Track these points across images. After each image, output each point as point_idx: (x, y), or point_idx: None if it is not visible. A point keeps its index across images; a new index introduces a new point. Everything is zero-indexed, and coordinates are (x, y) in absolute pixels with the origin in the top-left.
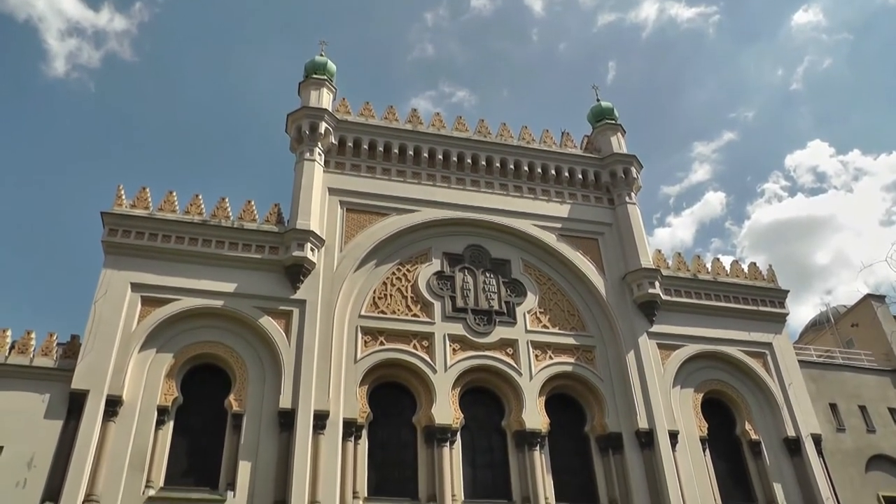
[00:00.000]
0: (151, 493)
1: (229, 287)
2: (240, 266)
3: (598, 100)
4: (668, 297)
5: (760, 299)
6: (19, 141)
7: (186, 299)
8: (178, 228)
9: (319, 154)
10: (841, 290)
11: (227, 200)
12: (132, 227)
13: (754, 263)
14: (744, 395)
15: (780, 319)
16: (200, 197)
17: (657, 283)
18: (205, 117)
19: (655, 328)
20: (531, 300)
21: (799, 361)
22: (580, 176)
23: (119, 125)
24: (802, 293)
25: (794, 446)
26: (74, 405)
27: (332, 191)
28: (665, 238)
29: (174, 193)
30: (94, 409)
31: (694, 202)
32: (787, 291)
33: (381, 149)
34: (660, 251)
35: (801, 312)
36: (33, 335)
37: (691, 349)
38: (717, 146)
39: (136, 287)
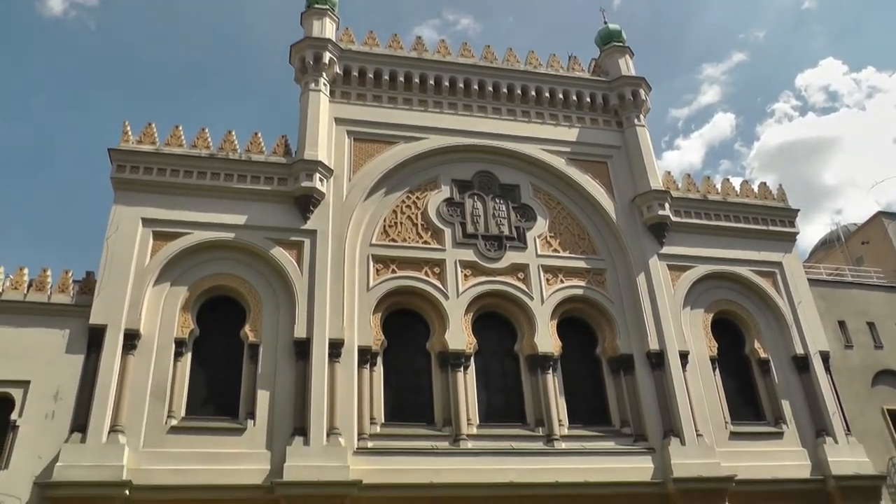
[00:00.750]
0: (174, 422)
1: (240, 219)
2: (249, 198)
3: (605, 22)
4: (678, 219)
5: (770, 219)
6: (23, 82)
7: (197, 233)
8: (186, 162)
9: (325, 84)
10: (851, 209)
11: (233, 133)
12: (140, 162)
13: (764, 183)
14: (753, 315)
15: (790, 238)
16: (207, 131)
17: (667, 205)
18: (207, 51)
19: (665, 250)
20: (541, 225)
21: (808, 280)
22: (588, 99)
23: (121, 63)
24: (812, 213)
25: (802, 364)
26: (94, 340)
27: (339, 121)
28: (674, 161)
29: (180, 128)
30: (112, 343)
31: (703, 124)
32: (798, 210)
33: (386, 77)
34: (669, 173)
35: (810, 232)
36: (49, 273)
37: (701, 270)
38: (727, 67)
39: (147, 222)
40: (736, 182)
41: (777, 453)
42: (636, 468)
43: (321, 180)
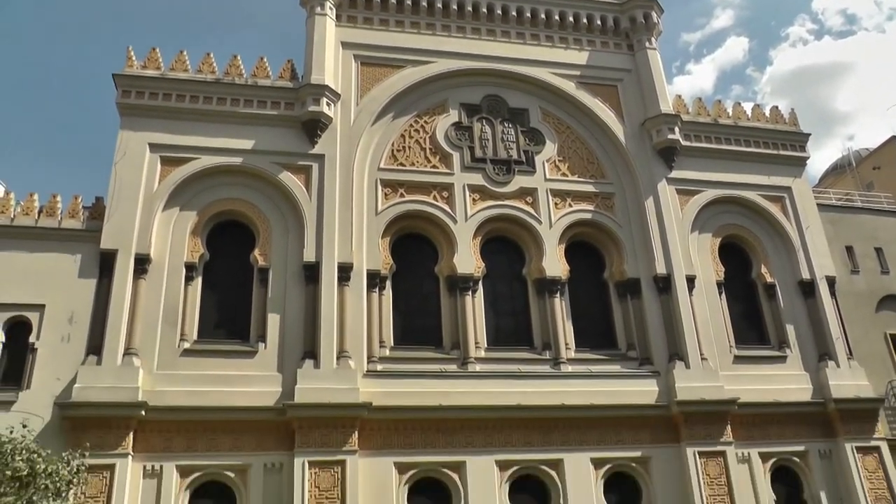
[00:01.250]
0: (186, 345)
1: (247, 144)
2: (256, 123)
3: None
4: (688, 143)
5: (781, 143)
6: (26, 9)
7: (205, 158)
8: (192, 87)
9: (331, 8)
10: (864, 135)
11: (239, 58)
12: (145, 87)
13: (776, 107)
14: (761, 239)
15: (801, 163)
16: (212, 56)
17: (677, 129)
18: None
19: (674, 174)
20: (550, 149)
21: (817, 205)
22: (599, 22)
23: None
24: (824, 139)
25: (808, 289)
26: (105, 264)
27: (346, 45)
28: (685, 86)
29: (185, 53)
30: (124, 268)
31: (715, 49)
32: (809, 135)
33: (393, 1)
34: (680, 97)
35: (821, 158)
36: (59, 198)
37: (710, 194)
38: None
39: (154, 147)
40: (747, 107)
41: (780, 377)
42: (641, 391)
43: (328, 105)
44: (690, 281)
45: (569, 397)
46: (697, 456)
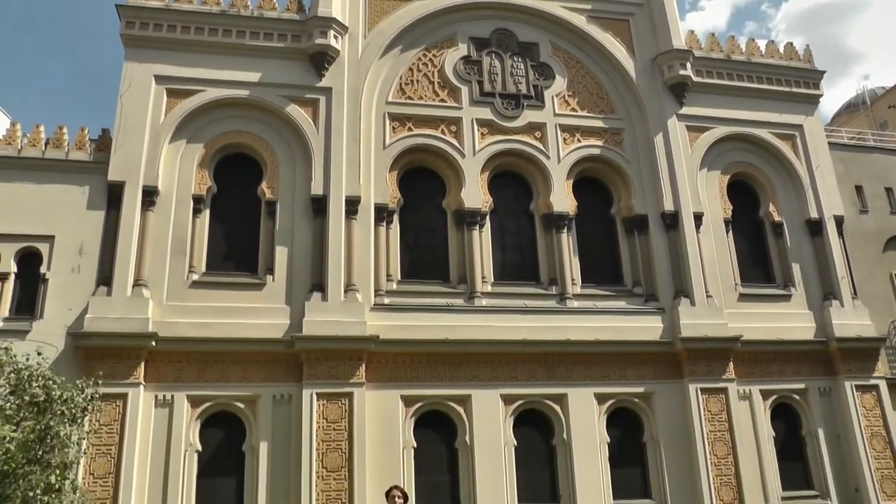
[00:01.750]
0: (195, 277)
1: (253, 77)
2: (263, 55)
3: None
4: (700, 79)
5: (794, 80)
6: None
7: (211, 90)
8: (197, 19)
9: None
10: (879, 75)
11: None
12: (149, 18)
13: (790, 43)
14: (770, 178)
15: (814, 101)
16: None
17: (688, 65)
18: None
19: (685, 110)
20: (560, 83)
21: (829, 143)
22: None
23: None
24: (839, 78)
25: (815, 227)
26: (113, 196)
27: None
28: (698, 23)
29: None
30: (131, 200)
31: None
32: (823, 72)
33: None
34: (692, 32)
35: (835, 97)
36: (65, 130)
37: (721, 131)
38: None
39: (159, 80)
40: (761, 43)
41: (783, 315)
42: (646, 327)
43: (335, 37)
44: (698, 218)
45: (574, 332)
46: (699, 392)
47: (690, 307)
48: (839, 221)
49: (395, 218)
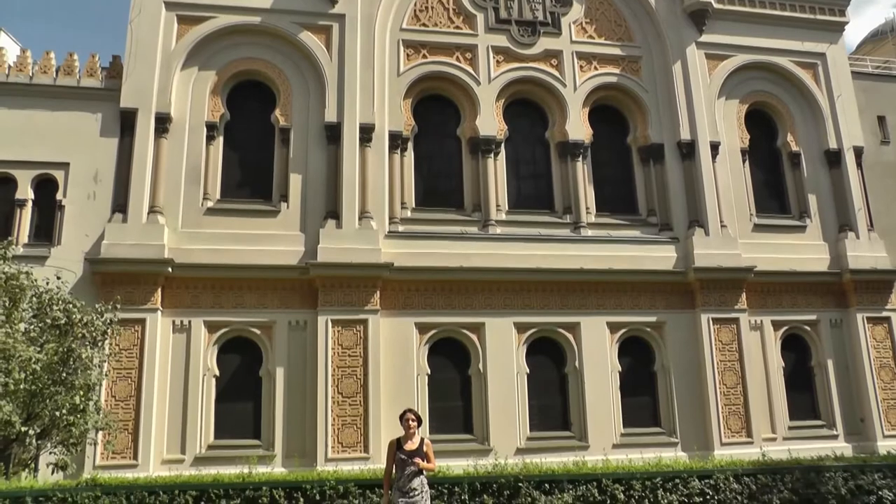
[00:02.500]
0: (210, 204)
1: (265, 2)
2: None
3: None
4: (720, 6)
5: (818, 7)
6: None
7: (222, 17)
8: None
9: None
10: None
11: None
12: None
13: None
14: (789, 107)
15: (838, 28)
16: None
17: None
18: None
19: (705, 38)
20: (577, 10)
21: (852, 72)
22: None
23: None
24: (865, 6)
25: (833, 158)
26: (126, 123)
27: None
28: None
29: None
30: (144, 127)
31: None
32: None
33: None
34: None
35: (861, 26)
36: (76, 57)
37: (740, 59)
38: None
39: (169, 6)
40: None
41: (798, 246)
42: (660, 257)
43: None
44: (714, 148)
45: (588, 261)
46: (711, 322)
47: (704, 237)
48: (858, 152)
49: (410, 146)
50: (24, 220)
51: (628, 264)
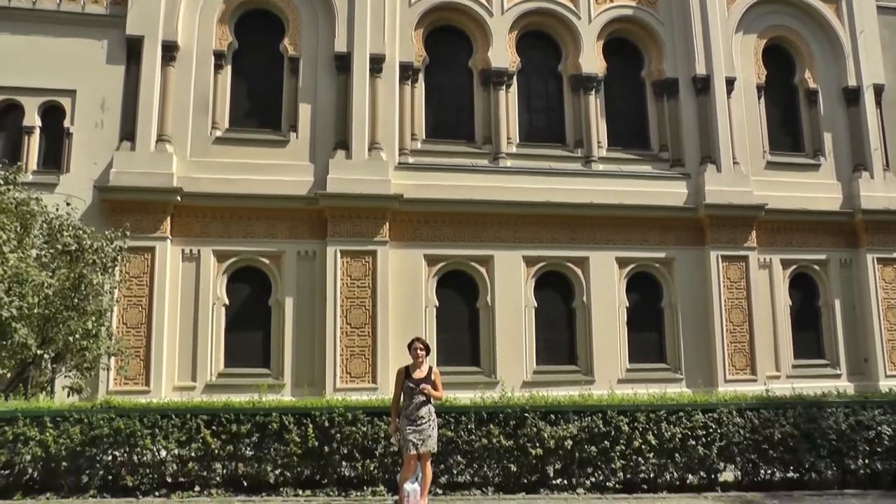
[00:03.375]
0: (218, 133)
1: None
2: None
3: None
4: None
5: None
6: None
7: None
8: None
9: None
10: None
11: None
12: None
13: None
14: (808, 43)
15: None
16: None
17: None
18: None
19: None
20: None
21: (877, 6)
22: None
23: None
24: None
25: (852, 96)
26: (132, 50)
27: None
28: None
29: None
30: (151, 54)
31: None
32: None
33: None
34: None
35: None
36: None
37: None
38: None
39: None
40: None
41: (811, 185)
42: (671, 192)
43: None
44: (730, 83)
45: (598, 196)
46: (720, 259)
47: (716, 173)
48: (878, 90)
49: (421, 77)
50: (33, 148)
51: (639, 199)
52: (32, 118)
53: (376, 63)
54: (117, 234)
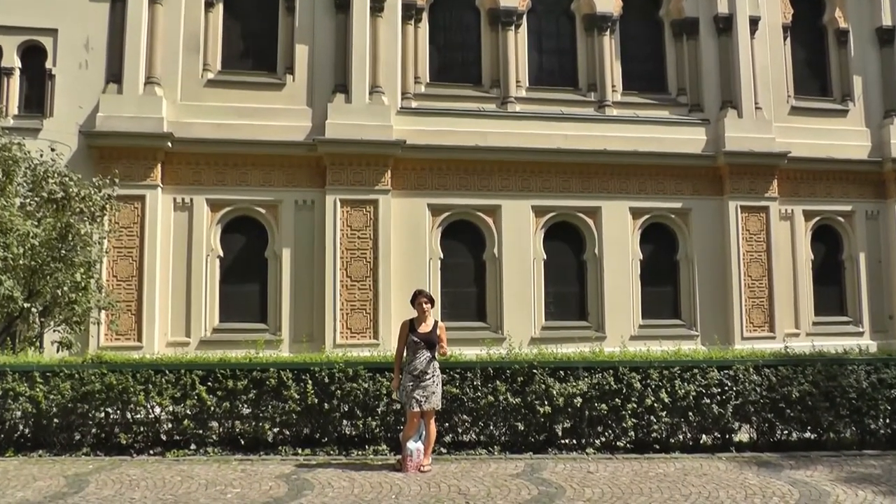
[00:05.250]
0: (210, 75)
1: None
2: None
3: None
4: None
5: None
6: None
7: None
8: None
9: None
10: None
11: None
12: None
13: None
14: None
15: None
16: None
17: None
18: None
19: None
20: None
21: None
22: None
23: None
24: None
25: (886, 37)
26: None
27: None
28: None
29: None
30: None
31: None
32: None
33: None
34: None
35: None
36: None
37: None
38: None
39: None
40: None
41: (837, 132)
42: (688, 139)
43: None
44: (754, 23)
45: (612, 142)
46: (739, 210)
47: (737, 119)
48: None
49: (425, 16)
50: (13, 90)
51: (655, 146)
52: (12, 59)
53: (377, 1)
54: (105, 181)
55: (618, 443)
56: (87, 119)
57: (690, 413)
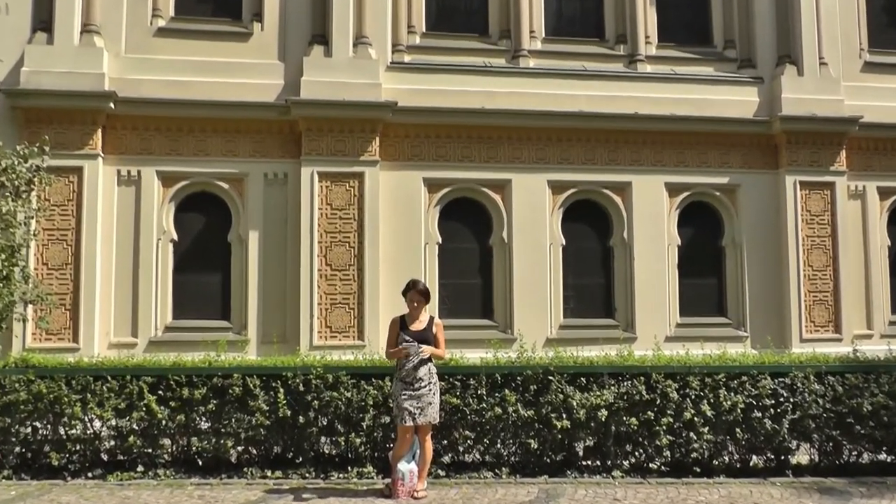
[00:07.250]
0: (161, 23)
1: None
2: None
3: None
4: None
5: None
6: None
7: None
8: None
9: None
10: None
11: None
12: None
13: None
14: None
15: None
16: None
17: None
18: None
19: None
20: None
21: None
22: None
23: None
24: None
25: None
26: None
27: None
28: None
29: None
30: None
31: None
32: None
33: None
34: None
35: None
36: None
37: None
38: None
39: None
40: None
41: None
42: (737, 101)
43: None
44: None
45: (645, 105)
46: (799, 186)
47: (797, 77)
48: None
49: None
50: None
51: (696, 110)
52: None
53: None
54: (33, 150)
55: (650, 464)
56: (10, 75)
57: (738, 429)
